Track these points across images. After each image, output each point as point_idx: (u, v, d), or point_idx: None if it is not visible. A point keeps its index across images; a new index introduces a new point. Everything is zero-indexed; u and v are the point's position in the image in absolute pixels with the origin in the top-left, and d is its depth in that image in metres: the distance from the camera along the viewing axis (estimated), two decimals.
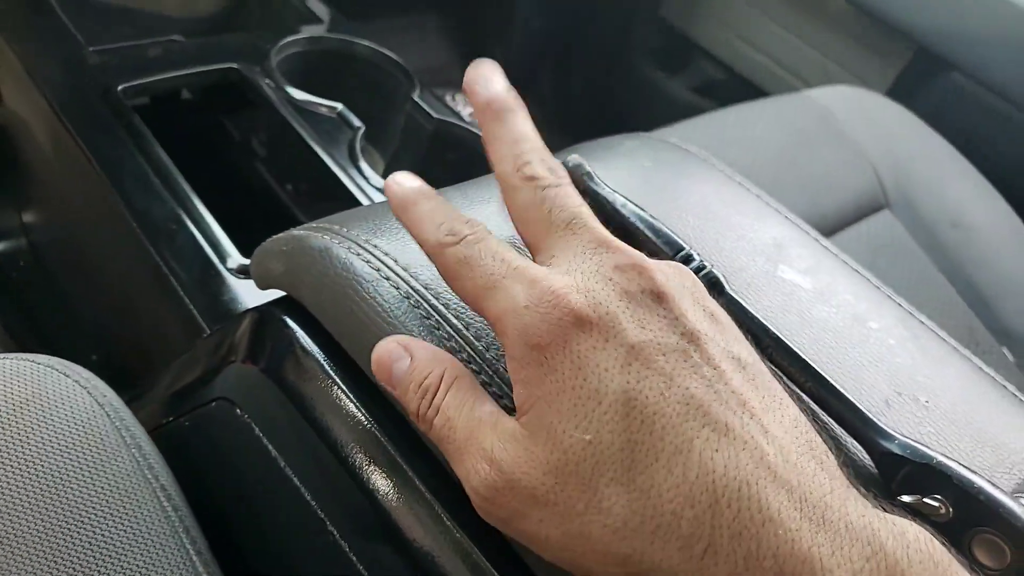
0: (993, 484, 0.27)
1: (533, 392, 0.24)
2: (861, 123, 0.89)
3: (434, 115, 0.66)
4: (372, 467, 0.33)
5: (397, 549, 0.32)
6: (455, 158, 0.66)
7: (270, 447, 0.37)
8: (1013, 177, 0.97)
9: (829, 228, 0.77)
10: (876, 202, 0.84)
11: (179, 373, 0.45)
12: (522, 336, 0.24)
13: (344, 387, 0.34)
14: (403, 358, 0.29)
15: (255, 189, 0.76)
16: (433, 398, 0.27)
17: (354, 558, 0.34)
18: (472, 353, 0.31)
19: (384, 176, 0.62)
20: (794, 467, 0.22)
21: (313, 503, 0.35)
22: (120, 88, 0.60)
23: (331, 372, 0.35)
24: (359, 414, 0.34)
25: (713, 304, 0.27)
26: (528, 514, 0.24)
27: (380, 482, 0.33)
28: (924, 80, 1.10)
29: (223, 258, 0.50)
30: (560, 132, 1.61)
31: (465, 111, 1.54)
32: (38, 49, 0.65)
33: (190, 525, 0.40)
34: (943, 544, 0.22)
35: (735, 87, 1.31)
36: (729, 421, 0.22)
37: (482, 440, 0.25)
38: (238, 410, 0.38)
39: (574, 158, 0.40)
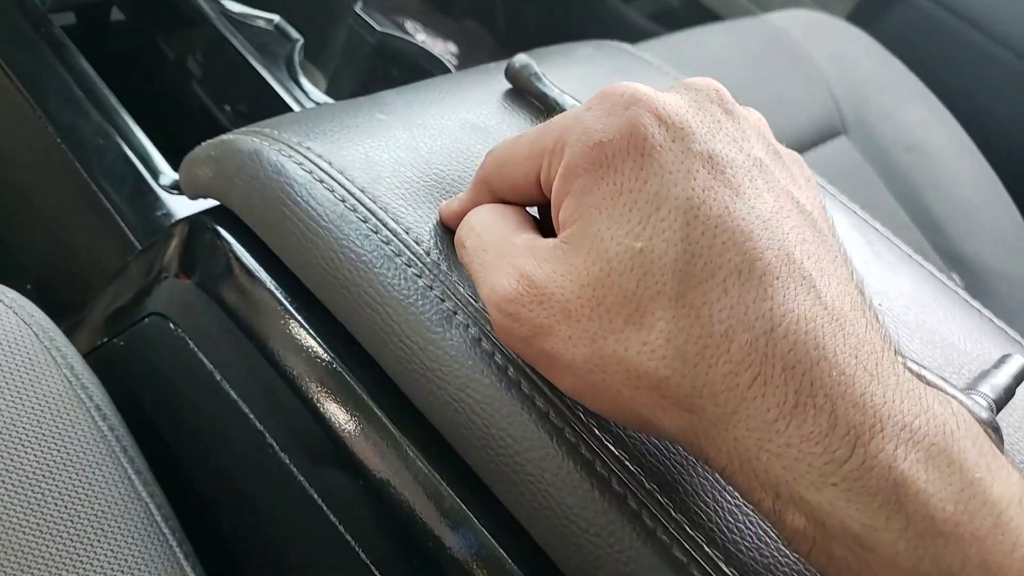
0: (944, 379, 0.26)
1: (584, 201, 0.22)
2: (819, 48, 0.88)
3: (377, 28, 0.63)
4: (313, 381, 0.32)
5: (348, 470, 0.31)
6: (400, 74, 0.64)
7: (205, 361, 0.35)
8: (971, 102, 0.97)
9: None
10: (833, 128, 0.84)
11: (112, 293, 0.43)
12: (584, 136, 0.23)
13: (279, 295, 0.33)
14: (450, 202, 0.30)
15: (193, 111, 0.72)
16: (466, 225, 0.27)
17: (300, 477, 0.33)
18: (412, 256, 0.30)
19: (327, 92, 0.59)
20: (848, 318, 0.21)
21: (252, 416, 0.34)
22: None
23: (265, 281, 0.33)
24: (295, 323, 0.32)
25: (781, 147, 0.25)
26: (555, 331, 0.22)
27: (321, 396, 0.32)
28: (885, 5, 1.09)
29: (155, 174, 0.47)
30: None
31: (419, 37, 1.49)
32: None
33: (128, 445, 0.39)
34: None
35: (694, 13, 1.29)
36: (792, 253, 0.21)
37: (515, 259, 0.24)
38: (171, 324, 0.37)
39: (521, 58, 0.38)
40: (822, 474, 0.19)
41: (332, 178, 0.32)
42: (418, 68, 0.63)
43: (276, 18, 0.61)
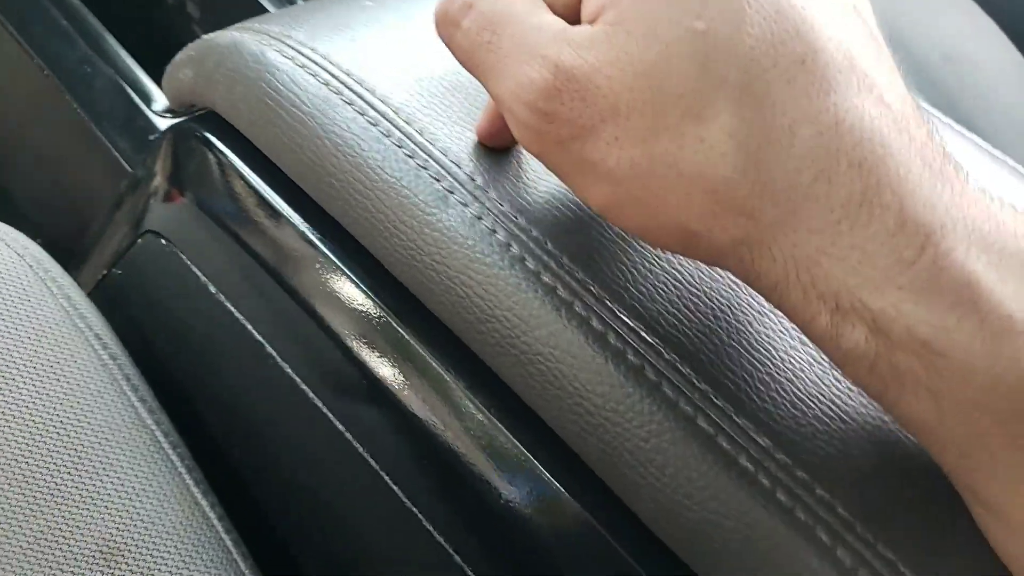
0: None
1: None
2: None
3: None
4: (308, 283, 0.30)
5: (353, 377, 0.29)
6: None
7: (200, 275, 0.33)
8: (1014, 7, 0.91)
9: None
10: None
11: (109, 225, 0.41)
12: None
13: (269, 197, 0.31)
14: None
15: (175, 28, 0.70)
16: None
17: (304, 387, 0.31)
18: (402, 136, 0.27)
19: None
20: (911, 122, 0.19)
21: (250, 327, 0.32)
22: None
23: (254, 183, 0.31)
24: (287, 224, 0.30)
25: None
26: (599, 131, 0.19)
27: (319, 298, 0.30)
28: None
29: (147, 100, 0.45)
30: None
31: None
32: None
33: (130, 373, 0.37)
34: None
35: None
36: (852, 51, 0.19)
37: (544, 47, 0.20)
38: (163, 241, 0.35)
39: None
40: (888, 276, 0.17)
41: (315, 63, 0.30)
42: None
43: None
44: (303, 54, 0.30)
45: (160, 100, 0.46)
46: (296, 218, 0.30)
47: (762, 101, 0.18)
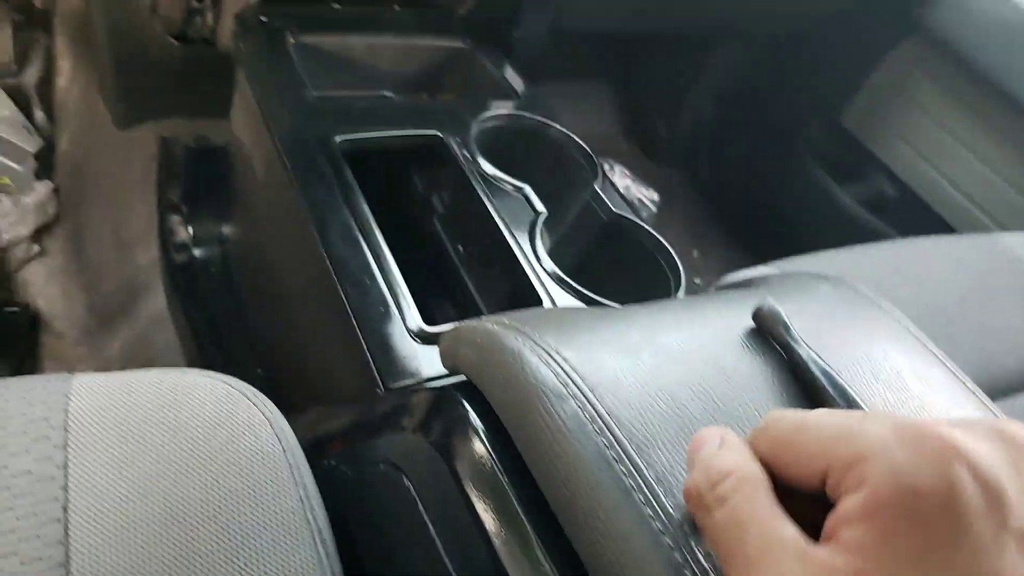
0: None
1: (889, 544, 0.22)
2: None
3: (613, 209, 0.68)
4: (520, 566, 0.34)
5: None
6: (625, 254, 0.68)
7: (425, 516, 0.39)
8: None
9: (1000, 389, 0.73)
10: None
11: (350, 423, 0.48)
12: (896, 476, 0.22)
13: (512, 488, 0.36)
14: (715, 443, 0.29)
15: (425, 237, 0.80)
16: (721, 487, 0.26)
17: None
18: (648, 496, 0.32)
19: (550, 254, 0.64)
20: None
21: (447, 560, 0.37)
22: (337, 139, 0.66)
23: (501, 468, 0.37)
24: (520, 516, 0.35)
25: None
26: None
27: None
28: None
29: (405, 318, 0.53)
30: (716, 221, 1.60)
31: (621, 183, 1.56)
32: (272, 88, 0.72)
33: (336, 571, 0.43)
34: None
35: (911, 210, 1.26)
36: None
37: (784, 564, 0.23)
38: (404, 478, 0.41)
39: (769, 303, 0.40)
40: None
41: (583, 395, 0.35)
42: (642, 250, 0.66)
43: (526, 187, 0.67)
44: (573, 381, 0.36)
45: (414, 318, 0.54)
46: (533, 522, 0.35)
47: None
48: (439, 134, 0.71)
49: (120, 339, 0.98)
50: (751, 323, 0.40)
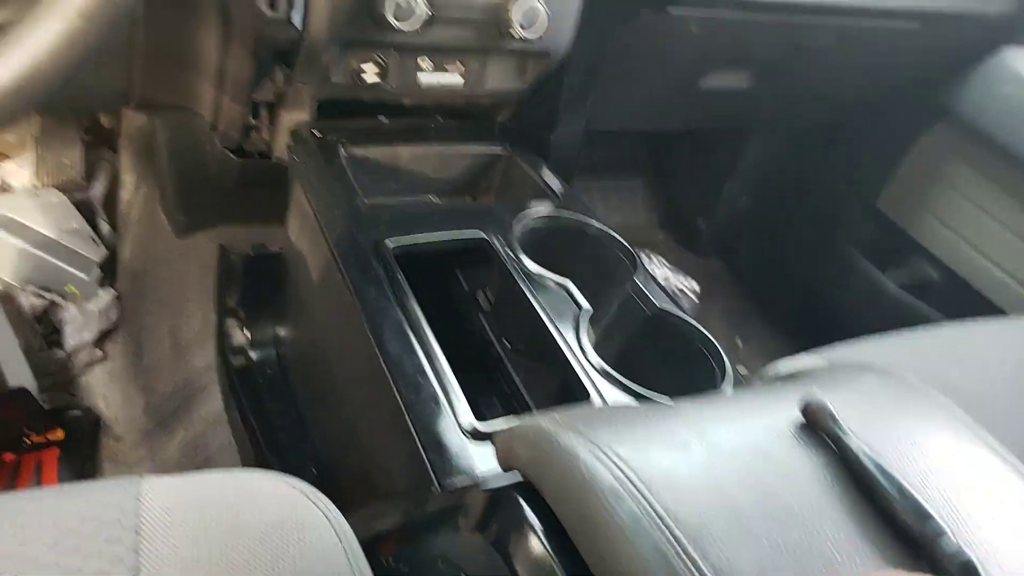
0: None
1: None
2: None
3: (655, 302, 0.70)
4: None
5: None
6: (669, 346, 0.69)
7: None
8: None
9: None
10: None
11: (406, 521, 0.49)
12: None
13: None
14: None
15: (471, 333, 0.82)
16: None
17: None
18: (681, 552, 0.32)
19: (595, 347, 0.65)
20: None
21: None
22: (389, 243, 0.69)
23: (560, 566, 0.37)
24: None
25: None
26: None
27: None
28: None
29: (457, 416, 0.55)
30: (757, 308, 1.61)
31: (660, 273, 1.58)
32: (327, 198, 0.77)
33: None
34: None
35: (957, 292, 1.25)
36: None
37: None
38: (452, 565, 0.42)
39: (816, 397, 0.41)
40: None
41: (639, 492, 0.36)
42: (687, 344, 0.67)
43: (568, 283, 0.69)
44: (629, 478, 0.37)
45: (467, 416, 0.56)
46: None
47: None
48: (483, 235, 0.74)
49: (177, 441, 1.01)
50: (800, 416, 0.41)
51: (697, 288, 1.49)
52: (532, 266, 0.72)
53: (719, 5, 0.91)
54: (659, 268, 1.49)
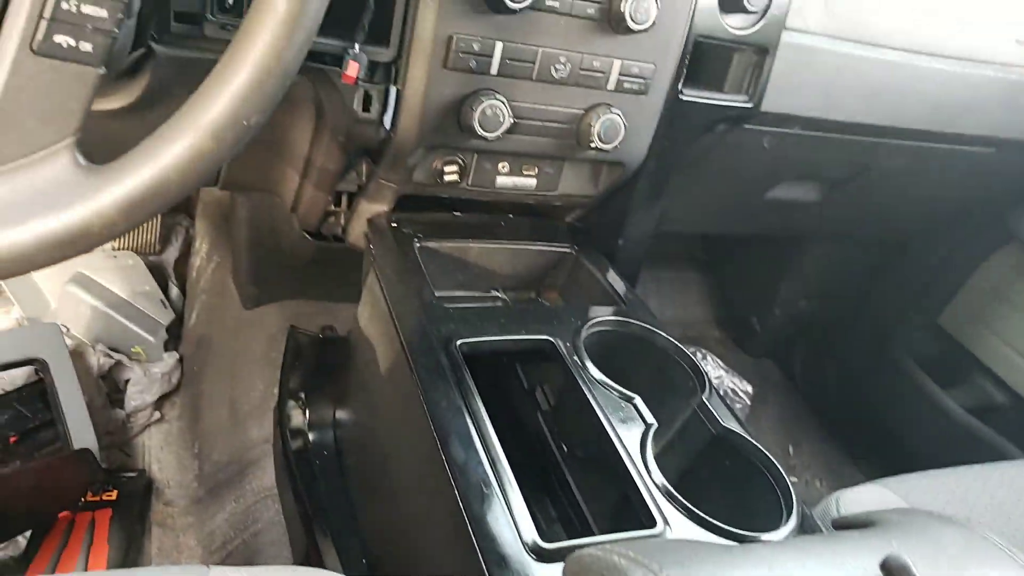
0: None
1: None
2: None
3: (721, 423, 0.69)
4: None
5: None
6: (733, 470, 0.68)
7: None
8: None
9: None
10: None
11: None
12: None
13: None
14: None
15: (527, 431, 0.82)
16: None
17: None
18: None
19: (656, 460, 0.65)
20: None
21: None
22: (459, 344, 0.71)
23: None
24: None
25: None
26: None
27: None
28: None
29: (520, 532, 0.55)
30: (810, 415, 1.57)
31: (714, 373, 1.56)
32: (400, 290, 0.79)
33: None
34: None
35: (1021, 416, 1.22)
36: None
37: None
38: None
39: (899, 559, 0.40)
40: None
41: None
42: (751, 467, 0.67)
43: (636, 398, 0.69)
44: None
45: (529, 531, 0.55)
46: None
47: None
48: (550, 339, 0.75)
49: (227, 511, 1.02)
50: (879, 572, 0.40)
51: (751, 390, 1.47)
52: (597, 374, 0.72)
53: (792, 125, 0.93)
54: (713, 368, 1.47)
